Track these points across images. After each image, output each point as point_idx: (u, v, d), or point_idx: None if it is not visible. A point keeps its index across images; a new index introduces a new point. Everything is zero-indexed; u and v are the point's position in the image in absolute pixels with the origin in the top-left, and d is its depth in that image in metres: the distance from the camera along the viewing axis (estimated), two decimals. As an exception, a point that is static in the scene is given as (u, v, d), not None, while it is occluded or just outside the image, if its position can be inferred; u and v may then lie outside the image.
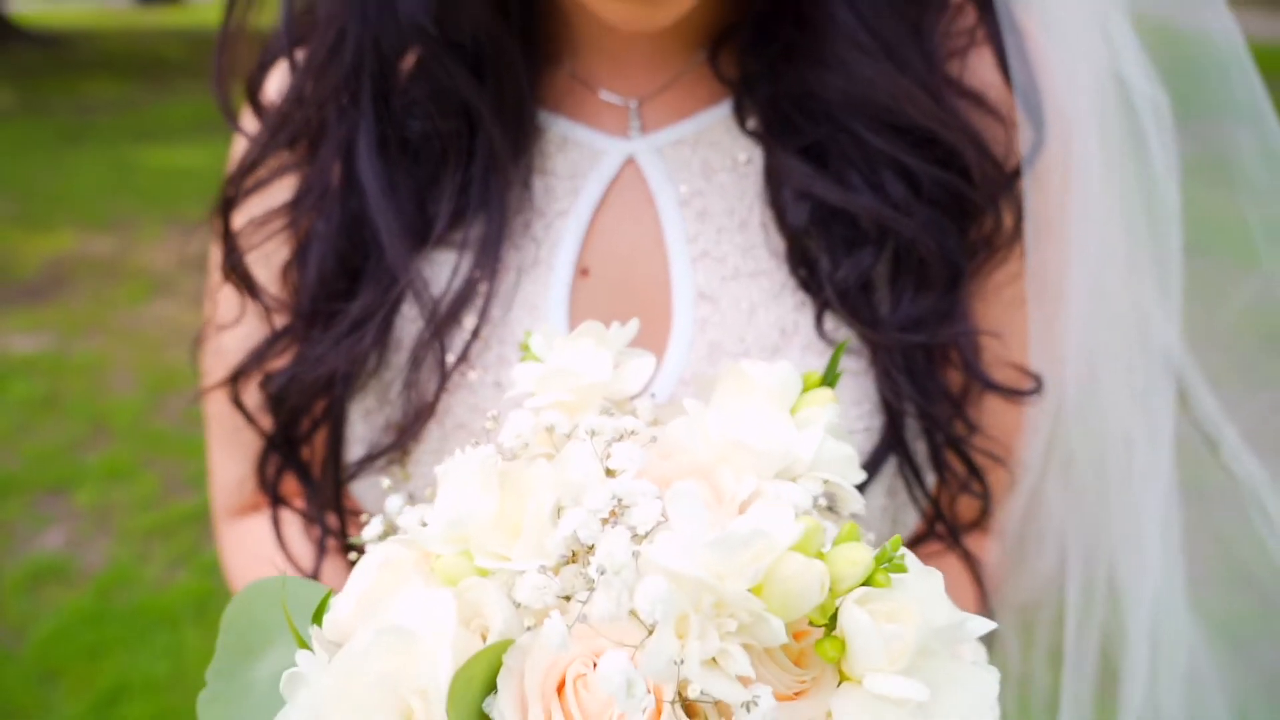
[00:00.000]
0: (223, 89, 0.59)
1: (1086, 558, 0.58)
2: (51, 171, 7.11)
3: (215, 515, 0.71)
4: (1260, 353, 0.59)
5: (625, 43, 0.58)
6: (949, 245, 0.52)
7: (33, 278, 4.98)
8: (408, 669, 0.27)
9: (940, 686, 0.28)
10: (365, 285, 0.54)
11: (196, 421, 3.67)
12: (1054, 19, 0.53)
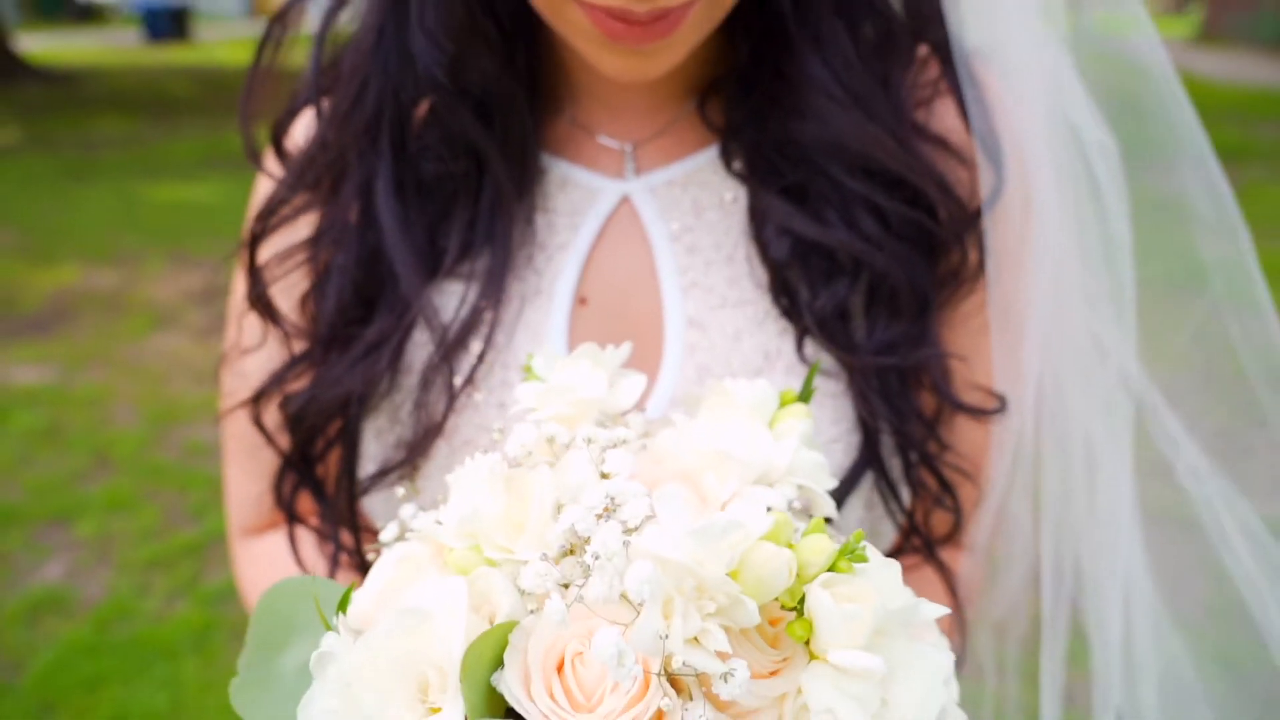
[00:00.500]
0: (247, 130, 0.63)
1: (1055, 566, 0.61)
2: (57, 206, 7.18)
3: (230, 533, 0.74)
4: (1207, 379, 0.63)
5: (621, 92, 0.62)
6: (918, 276, 0.56)
7: (37, 311, 5.02)
8: (425, 647, 0.30)
9: (898, 664, 0.31)
10: (380, 313, 0.58)
11: (198, 454, 3.68)
12: (1011, 71, 0.57)
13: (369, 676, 0.30)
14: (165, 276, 5.58)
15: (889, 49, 0.57)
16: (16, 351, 4.46)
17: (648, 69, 0.53)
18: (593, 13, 0.49)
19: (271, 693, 0.35)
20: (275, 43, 0.61)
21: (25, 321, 4.87)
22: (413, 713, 0.30)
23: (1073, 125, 0.57)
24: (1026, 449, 0.59)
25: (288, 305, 0.63)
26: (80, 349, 4.50)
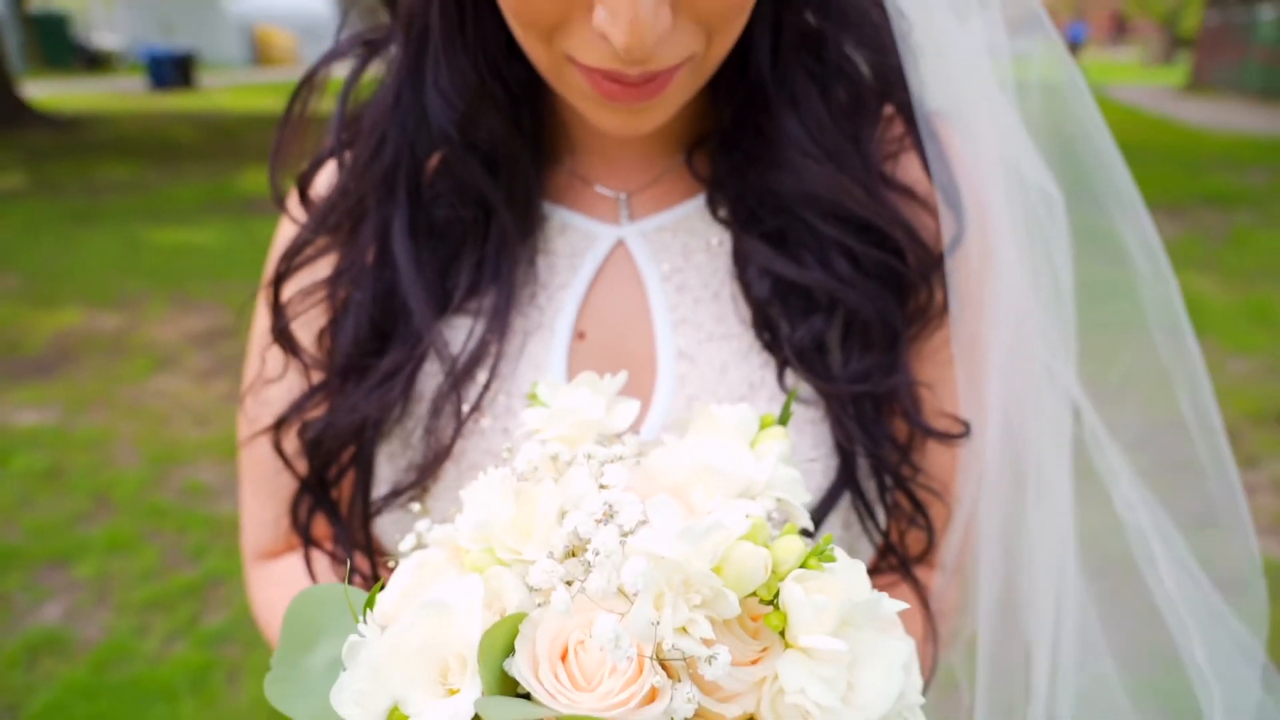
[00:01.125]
0: (275, 179, 0.68)
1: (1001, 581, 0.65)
2: (61, 250, 7.24)
3: (245, 558, 0.78)
4: (1144, 414, 0.67)
5: (616, 146, 0.68)
6: (888, 312, 0.61)
7: (40, 353, 5.06)
8: (446, 635, 0.34)
9: (862, 652, 0.35)
10: (394, 345, 0.63)
11: (198, 495, 3.69)
12: (968, 129, 0.63)
13: (396, 662, 0.34)
14: (167, 319, 5.63)
15: (858, 110, 0.63)
16: (19, 394, 4.49)
17: (640, 124, 0.58)
18: (590, 75, 0.54)
19: (302, 687, 0.39)
20: (303, 101, 0.66)
21: (28, 363, 4.90)
22: (434, 693, 0.34)
23: (1023, 177, 0.62)
24: (990, 472, 0.63)
25: (307, 339, 0.67)
26: (82, 391, 4.53)
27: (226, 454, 3.88)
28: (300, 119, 0.66)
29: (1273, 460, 3.95)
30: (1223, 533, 0.68)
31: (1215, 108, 19.74)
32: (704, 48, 0.55)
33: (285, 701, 0.39)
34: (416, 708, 0.33)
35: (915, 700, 0.38)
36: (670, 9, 0.51)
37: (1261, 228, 8.11)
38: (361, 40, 0.67)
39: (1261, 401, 4.49)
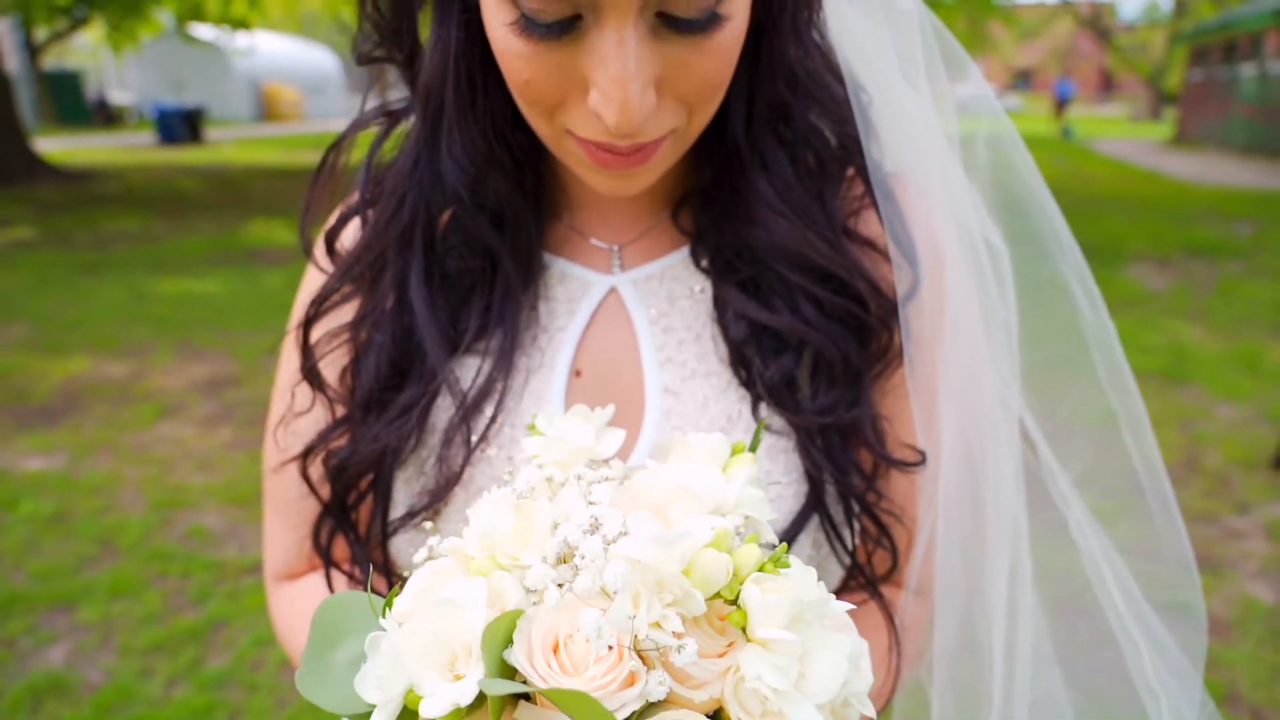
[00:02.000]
0: (305, 233, 0.75)
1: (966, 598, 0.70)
2: (69, 300, 7.34)
3: (267, 580, 0.84)
4: (1089, 444, 0.73)
5: (610, 202, 0.76)
6: (850, 353, 0.68)
7: (47, 401, 5.12)
8: (454, 628, 0.40)
9: (812, 645, 0.41)
10: (410, 382, 0.70)
11: (201, 539, 3.71)
12: (923, 186, 0.70)
13: (412, 650, 0.39)
14: (172, 367, 5.70)
15: (823, 172, 0.71)
16: (26, 440, 4.54)
17: (629, 187, 0.65)
18: (586, 146, 0.62)
19: (328, 680, 0.45)
20: (332, 164, 0.73)
21: (35, 411, 4.96)
22: (444, 678, 0.40)
23: (972, 231, 0.69)
24: (949, 497, 0.68)
25: (332, 377, 0.74)
26: (88, 437, 4.58)
27: (230, 499, 3.92)
28: (328, 179, 0.73)
29: (1263, 506, 3.98)
30: (1166, 561, 0.73)
31: (1201, 161, 20.07)
32: (685, 122, 0.62)
33: (315, 693, 0.45)
34: (429, 689, 0.39)
35: (860, 689, 0.43)
36: (655, 91, 0.58)
37: (1248, 278, 8.22)
38: (384, 111, 0.74)
39: (1251, 447, 4.53)
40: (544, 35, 0.56)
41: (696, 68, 0.58)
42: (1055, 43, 51.03)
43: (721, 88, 0.62)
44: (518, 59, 0.58)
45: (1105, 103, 61.32)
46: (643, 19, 0.55)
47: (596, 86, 0.57)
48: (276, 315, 6.86)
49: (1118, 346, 0.72)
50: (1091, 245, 4.19)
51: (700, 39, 0.57)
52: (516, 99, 0.63)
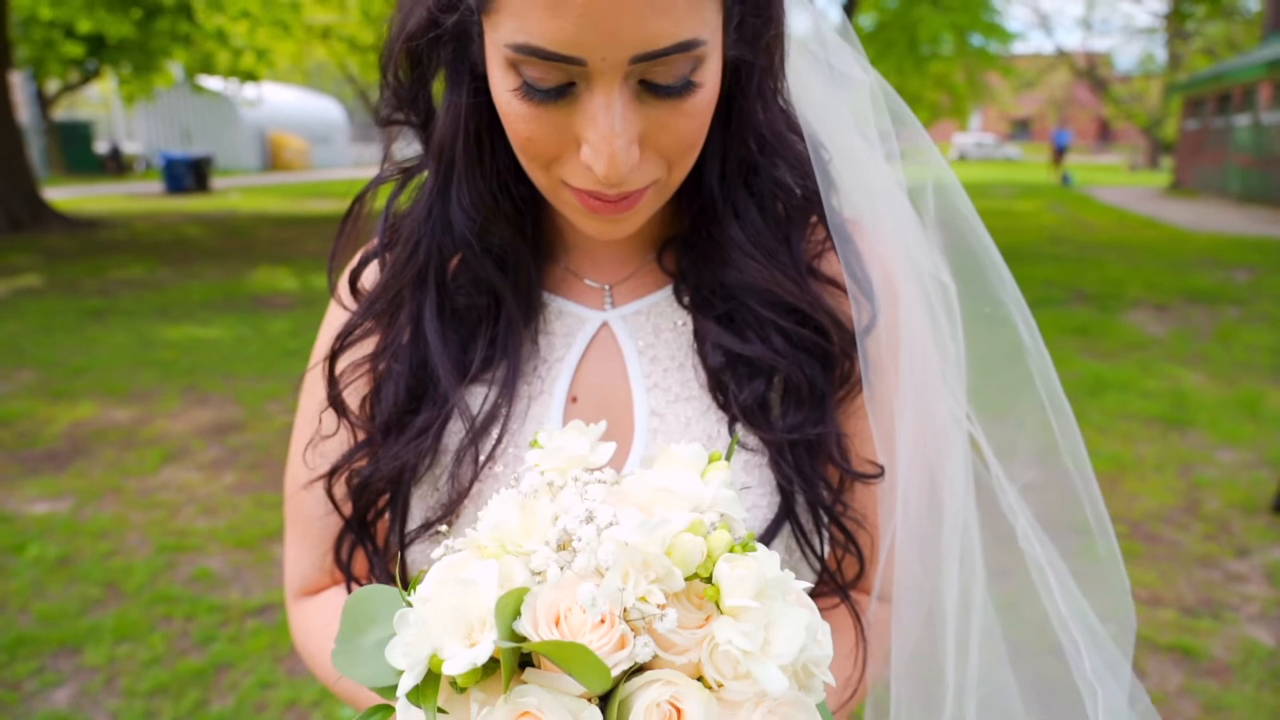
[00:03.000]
0: (333, 276, 0.84)
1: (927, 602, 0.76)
2: (76, 346, 7.40)
3: (288, 596, 0.90)
4: (1032, 460, 0.80)
5: (602, 247, 0.84)
6: (815, 377, 0.77)
7: (54, 445, 5.17)
8: (471, 603, 0.46)
9: (775, 616, 0.48)
10: (425, 407, 0.78)
11: (206, 583, 3.72)
12: (879, 230, 0.78)
13: (435, 621, 0.46)
14: (178, 413, 5.76)
15: (789, 219, 0.80)
16: (33, 485, 4.59)
17: (617, 231, 0.74)
18: (579, 194, 0.70)
19: (359, 658, 0.51)
20: (355, 216, 0.82)
21: (42, 455, 5.01)
22: (462, 644, 0.46)
23: (924, 270, 0.77)
24: (909, 506, 0.75)
25: (354, 403, 0.82)
26: (94, 482, 4.62)
27: (234, 543, 3.95)
28: (353, 227, 0.82)
29: (1262, 550, 4.01)
30: (1101, 566, 0.80)
31: (1198, 209, 20.30)
32: (666, 174, 0.71)
33: (348, 669, 0.51)
34: (450, 653, 0.45)
35: (819, 657, 0.50)
36: (638, 147, 0.67)
37: (1247, 324, 8.31)
38: (400, 169, 0.84)
39: (1251, 492, 4.57)
40: (543, 100, 0.65)
41: (674, 127, 0.67)
42: (1053, 93, 51.83)
43: (697, 145, 0.71)
44: (520, 120, 0.67)
45: (1103, 152, 62.07)
46: (627, 86, 0.64)
47: (588, 143, 0.66)
48: (281, 361, 6.94)
49: (1054, 373, 0.80)
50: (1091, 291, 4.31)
51: (677, 102, 0.66)
52: (518, 154, 0.71)
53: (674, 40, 0.62)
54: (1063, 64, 43.58)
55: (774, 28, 0.73)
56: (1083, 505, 0.78)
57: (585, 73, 0.63)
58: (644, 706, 0.46)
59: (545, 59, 0.62)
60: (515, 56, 0.64)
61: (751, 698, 0.48)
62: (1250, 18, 35.63)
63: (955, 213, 0.80)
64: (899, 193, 0.78)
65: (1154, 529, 4.22)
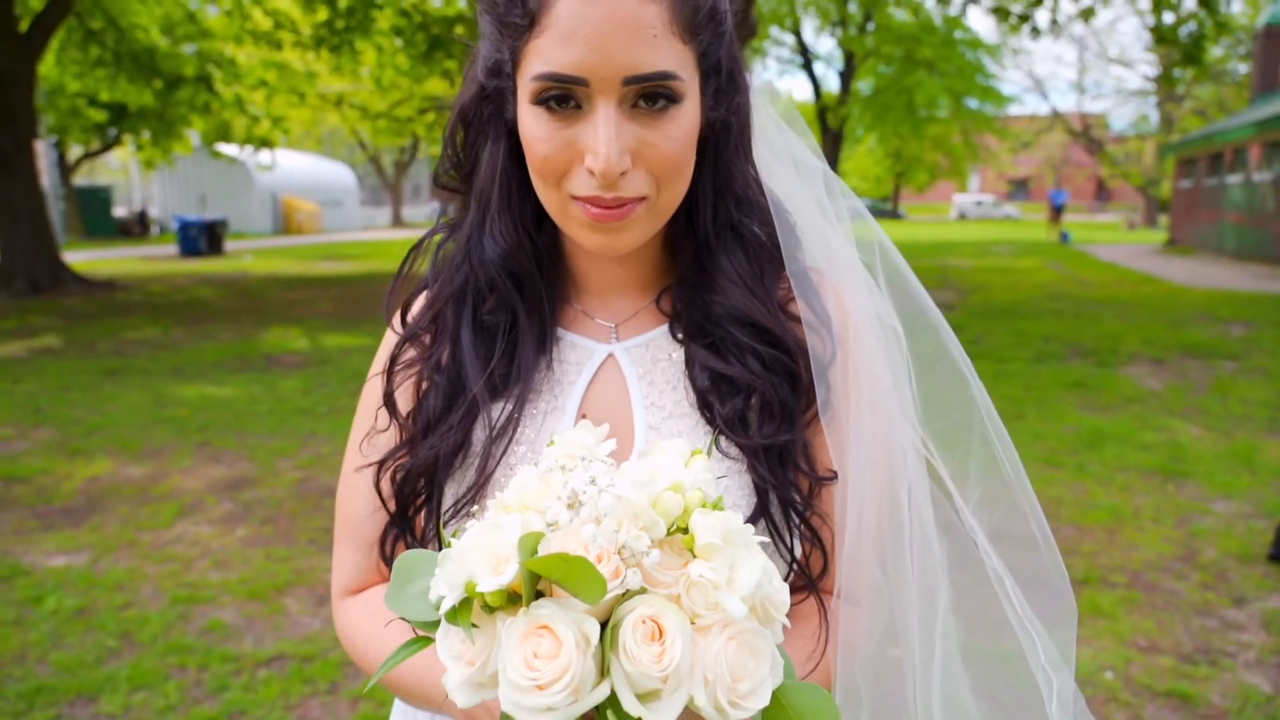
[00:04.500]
0: (389, 311, 1.01)
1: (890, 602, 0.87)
2: (92, 404, 7.51)
3: (334, 597, 1.05)
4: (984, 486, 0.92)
5: (609, 290, 1.00)
6: (785, 396, 0.91)
7: (71, 501, 5.25)
8: (499, 542, 0.59)
9: (738, 559, 0.61)
10: (456, 410, 0.94)
11: (219, 633, 3.79)
12: (838, 277, 0.94)
13: (471, 555, 0.59)
14: (192, 469, 5.85)
15: (764, 263, 0.96)
16: (50, 539, 4.67)
17: (616, 244, 0.89)
18: (581, 204, 0.86)
19: (405, 601, 0.65)
20: (410, 261, 1.01)
21: (59, 511, 5.10)
22: (491, 573, 0.59)
23: (879, 316, 0.92)
24: (869, 519, 0.86)
25: (403, 406, 0.98)
26: (110, 536, 4.69)
27: (246, 595, 4.02)
28: (409, 272, 1.01)
29: (1259, 598, 4.05)
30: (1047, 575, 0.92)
31: (1193, 266, 20.50)
32: (656, 194, 0.87)
33: (398, 607, 0.65)
34: (482, 579, 0.58)
35: (772, 595, 0.62)
36: (629, 159, 0.83)
37: (1242, 377, 8.39)
38: (447, 224, 1.02)
39: (1247, 541, 4.62)
40: (556, 115, 0.83)
41: (659, 147, 0.84)
42: (1049, 153, 52.55)
43: (680, 169, 0.87)
44: (539, 141, 0.85)
45: (1101, 211, 62.71)
46: (621, 106, 0.82)
47: (589, 149, 0.83)
48: (292, 419, 7.07)
49: (991, 404, 0.94)
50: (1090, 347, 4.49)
51: (661, 123, 0.84)
52: (536, 178, 0.88)
53: (656, 69, 0.81)
54: (1058, 125, 44.32)
55: (742, 94, 0.92)
56: (1027, 519, 0.91)
57: (588, 92, 0.82)
58: (632, 622, 0.59)
59: (559, 81, 0.82)
60: (537, 85, 0.83)
61: (719, 622, 0.60)
62: (1239, 80, 36.38)
63: (895, 270, 0.95)
64: (855, 255, 0.94)
65: (1152, 578, 4.26)
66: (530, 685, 0.57)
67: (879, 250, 0.93)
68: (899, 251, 0.94)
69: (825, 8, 31.16)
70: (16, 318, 12.46)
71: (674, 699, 0.59)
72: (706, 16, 0.86)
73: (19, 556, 4.48)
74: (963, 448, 0.91)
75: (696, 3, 0.85)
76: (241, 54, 19.76)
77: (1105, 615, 3.84)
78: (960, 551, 0.90)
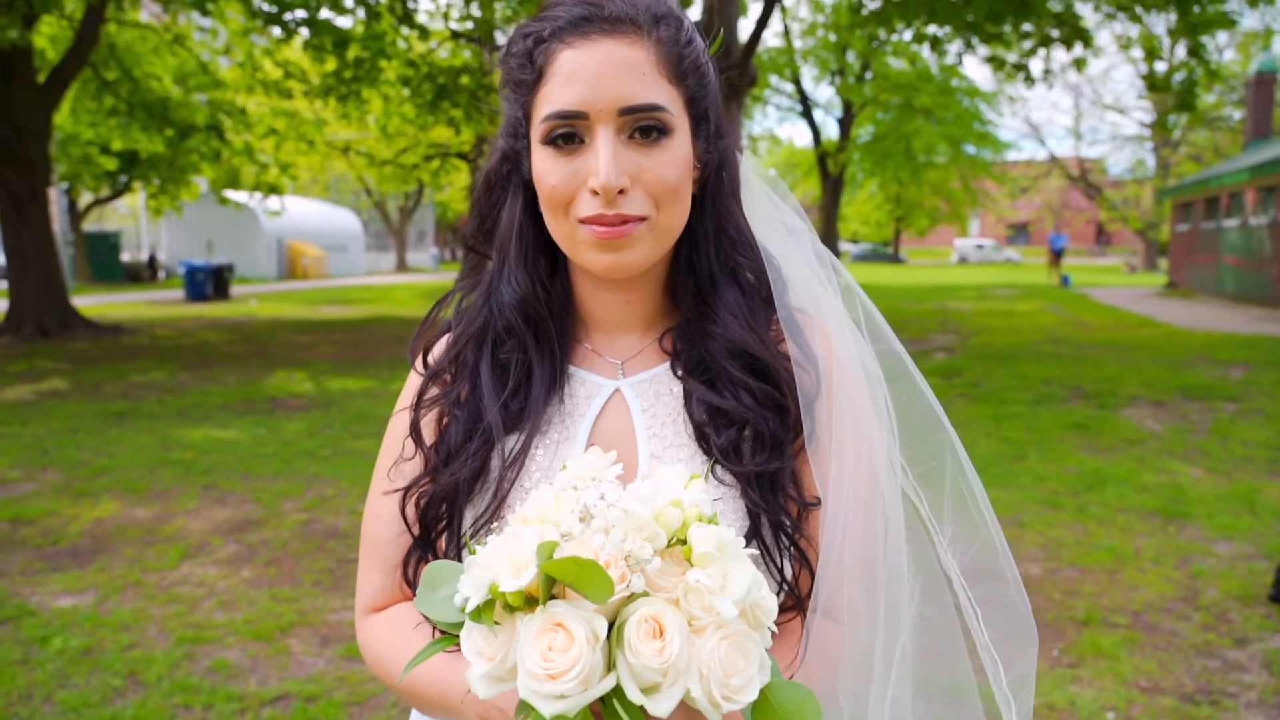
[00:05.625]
0: (414, 355, 1.10)
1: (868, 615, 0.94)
2: (98, 447, 7.55)
3: (358, 615, 1.12)
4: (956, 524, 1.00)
5: (616, 330, 1.08)
6: (775, 427, 0.99)
7: (77, 542, 5.27)
8: (519, 549, 0.66)
9: (730, 568, 0.67)
10: (475, 440, 1.01)
11: (224, 673, 3.82)
12: (823, 319, 1.02)
13: (494, 559, 0.67)
14: (197, 511, 5.87)
15: (757, 302, 1.05)
16: (57, 580, 4.69)
17: (621, 263, 0.98)
18: (587, 225, 0.95)
19: (433, 604, 0.72)
20: (437, 310, 1.10)
21: (66, 552, 5.12)
22: (512, 577, 0.66)
23: (859, 358, 1.00)
24: (853, 533, 0.93)
25: (427, 437, 1.06)
26: (116, 577, 4.70)
27: (251, 635, 4.05)
28: (434, 320, 1.10)
29: (1260, 639, 4.06)
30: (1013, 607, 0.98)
31: (1193, 308, 20.59)
32: (656, 214, 0.96)
33: (426, 609, 0.73)
34: (504, 580, 0.65)
35: (760, 601, 0.69)
36: (628, 180, 0.93)
37: (1242, 419, 8.42)
38: (468, 282, 1.12)
39: (1248, 582, 4.63)
40: (563, 148, 0.94)
41: (655, 171, 0.95)
42: (1049, 198, 52.96)
43: (677, 190, 0.97)
44: (549, 174, 0.95)
45: (1101, 255, 63.05)
46: (619, 136, 0.94)
47: (591, 172, 0.93)
48: (297, 461, 7.11)
49: (961, 445, 1.02)
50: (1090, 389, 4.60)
51: (654, 150, 0.95)
52: (545, 209, 0.98)
53: (647, 100, 0.94)
54: (1056, 170, 44.76)
55: (728, 137, 1.05)
56: (997, 559, 0.99)
57: (589, 125, 0.94)
58: (636, 620, 0.66)
59: (563, 118, 0.94)
60: (545, 125, 0.95)
61: (713, 623, 0.67)
62: (1234, 126, 36.85)
63: (873, 321, 1.04)
64: (840, 305, 1.03)
65: (1154, 619, 4.27)
66: (545, 675, 0.64)
67: (860, 302, 1.02)
68: (878, 307, 1.03)
69: (824, 58, 31.72)
70: (24, 361, 12.56)
71: (672, 691, 0.66)
72: (691, 65, 0.99)
73: (26, 597, 4.51)
74: (939, 488, 0.99)
75: (680, 51, 0.98)
76: (252, 103, 20.15)
77: (1107, 656, 3.85)
78: (932, 585, 0.97)
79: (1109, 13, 15.19)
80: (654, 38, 0.96)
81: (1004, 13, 13.64)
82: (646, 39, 0.96)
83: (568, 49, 0.95)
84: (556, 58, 0.95)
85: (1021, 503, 5.89)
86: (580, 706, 0.65)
